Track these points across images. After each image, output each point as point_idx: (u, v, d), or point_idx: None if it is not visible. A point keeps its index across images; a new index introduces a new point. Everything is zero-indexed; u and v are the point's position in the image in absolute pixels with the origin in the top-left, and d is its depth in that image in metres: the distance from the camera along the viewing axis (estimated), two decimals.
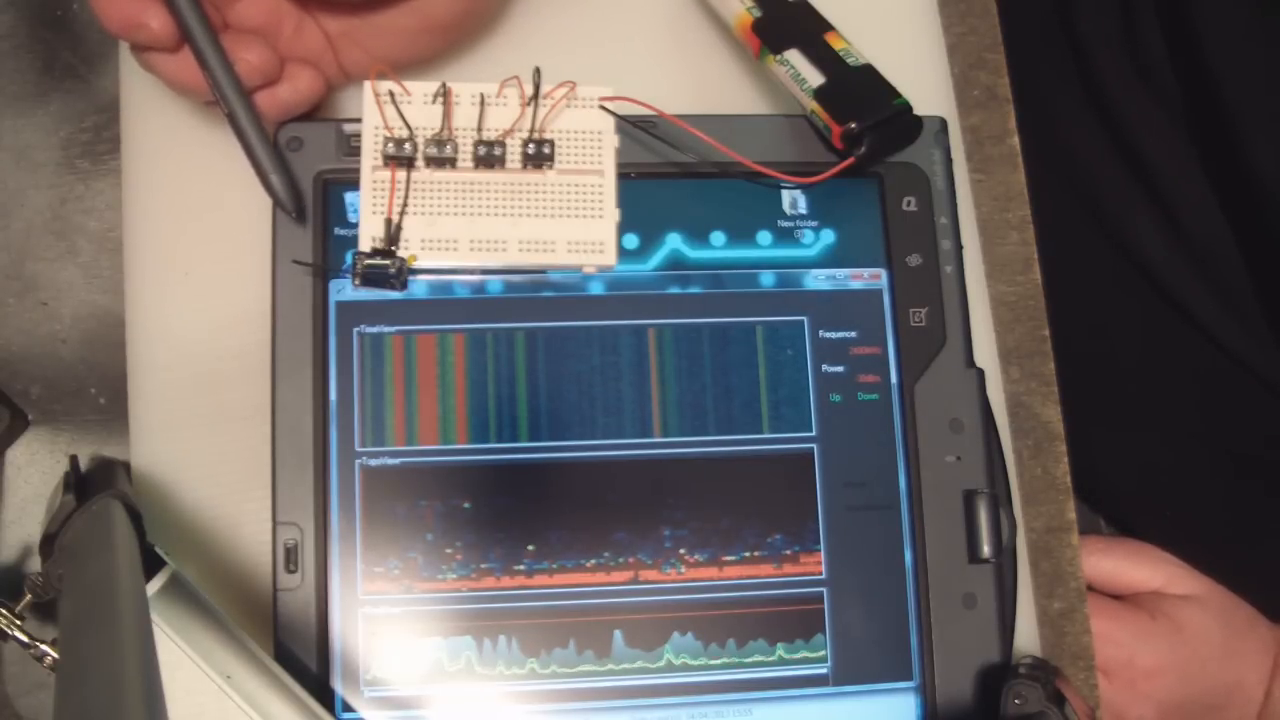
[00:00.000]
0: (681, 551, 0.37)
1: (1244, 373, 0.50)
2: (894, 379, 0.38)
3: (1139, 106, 0.51)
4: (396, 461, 0.36)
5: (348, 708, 0.35)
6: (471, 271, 0.37)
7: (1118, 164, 0.52)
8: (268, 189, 0.35)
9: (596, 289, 0.38)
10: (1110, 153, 0.52)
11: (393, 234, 0.36)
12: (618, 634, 0.36)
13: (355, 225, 0.36)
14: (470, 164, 0.36)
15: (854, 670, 0.37)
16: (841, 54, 0.38)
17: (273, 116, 0.35)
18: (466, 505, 0.36)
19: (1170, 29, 0.49)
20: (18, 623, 0.32)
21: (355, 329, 0.36)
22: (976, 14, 0.45)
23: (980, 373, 0.39)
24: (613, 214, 0.37)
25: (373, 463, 0.36)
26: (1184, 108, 0.50)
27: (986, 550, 0.37)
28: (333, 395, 0.36)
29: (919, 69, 0.42)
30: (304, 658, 0.34)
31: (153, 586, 0.30)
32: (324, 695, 0.34)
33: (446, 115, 0.36)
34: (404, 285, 0.36)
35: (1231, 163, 0.47)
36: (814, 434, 0.38)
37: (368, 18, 0.36)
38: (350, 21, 0.36)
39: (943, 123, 0.40)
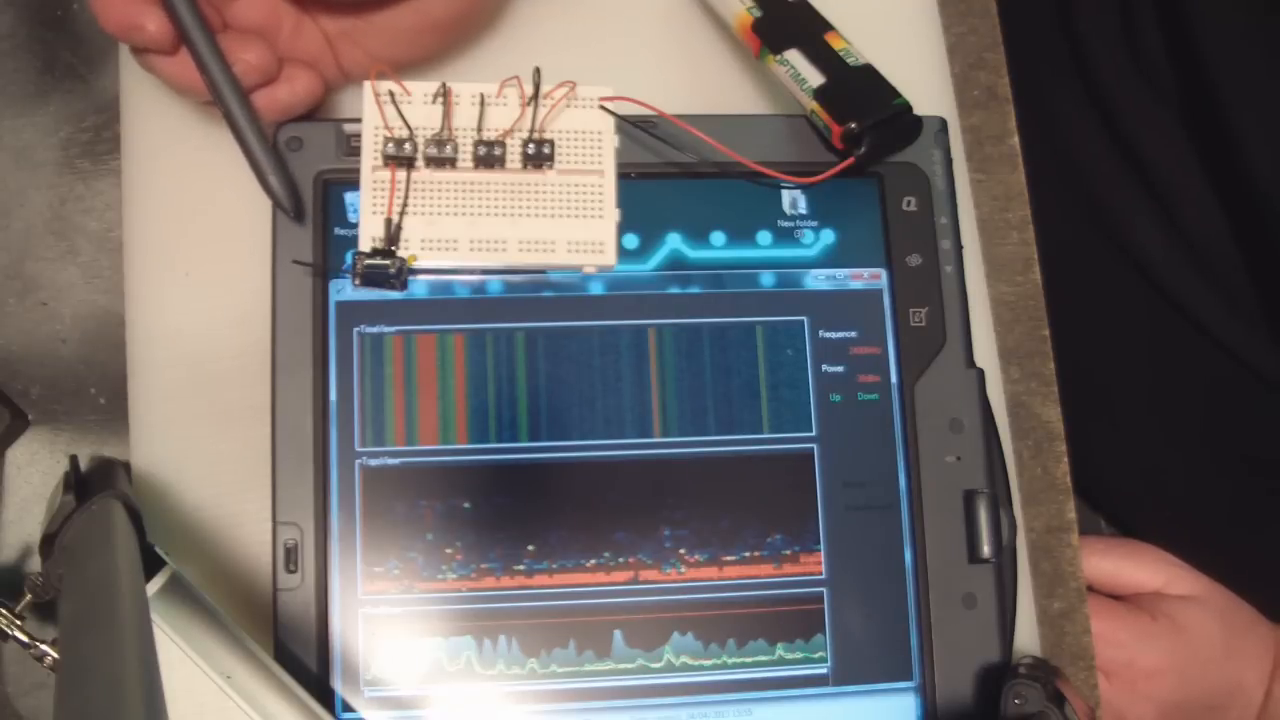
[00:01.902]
0: (681, 551, 0.37)
1: (1244, 371, 0.50)
2: (894, 379, 0.38)
3: (1138, 105, 0.51)
4: (396, 461, 0.36)
5: (348, 708, 0.35)
6: (471, 271, 0.37)
7: (1117, 162, 0.52)
8: (266, 189, 0.35)
9: (596, 289, 0.38)
10: (1110, 151, 0.52)
11: (393, 234, 0.36)
12: (618, 634, 0.36)
13: (355, 225, 0.36)
14: (470, 164, 0.36)
15: (854, 670, 0.37)
16: (841, 54, 0.38)
17: (271, 117, 0.35)
18: (466, 505, 0.36)
19: (1168, 28, 0.49)
20: (18, 623, 0.32)
21: (355, 329, 0.36)
22: (976, 14, 0.45)
23: (980, 373, 0.39)
24: (613, 214, 0.37)
25: (373, 463, 0.36)
26: (1182, 106, 0.50)
27: (986, 550, 0.37)
28: (333, 395, 0.36)
29: (919, 69, 0.42)
30: (304, 658, 0.34)
31: (153, 586, 0.30)
32: (324, 695, 0.34)
33: (446, 115, 0.36)
34: (404, 285, 0.36)
35: (1230, 161, 0.47)
36: (814, 434, 0.38)
37: (366, 17, 0.36)
38: (349, 21, 0.36)
39: (943, 123, 0.40)
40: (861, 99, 0.37)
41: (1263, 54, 0.46)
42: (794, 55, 0.37)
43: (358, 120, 0.36)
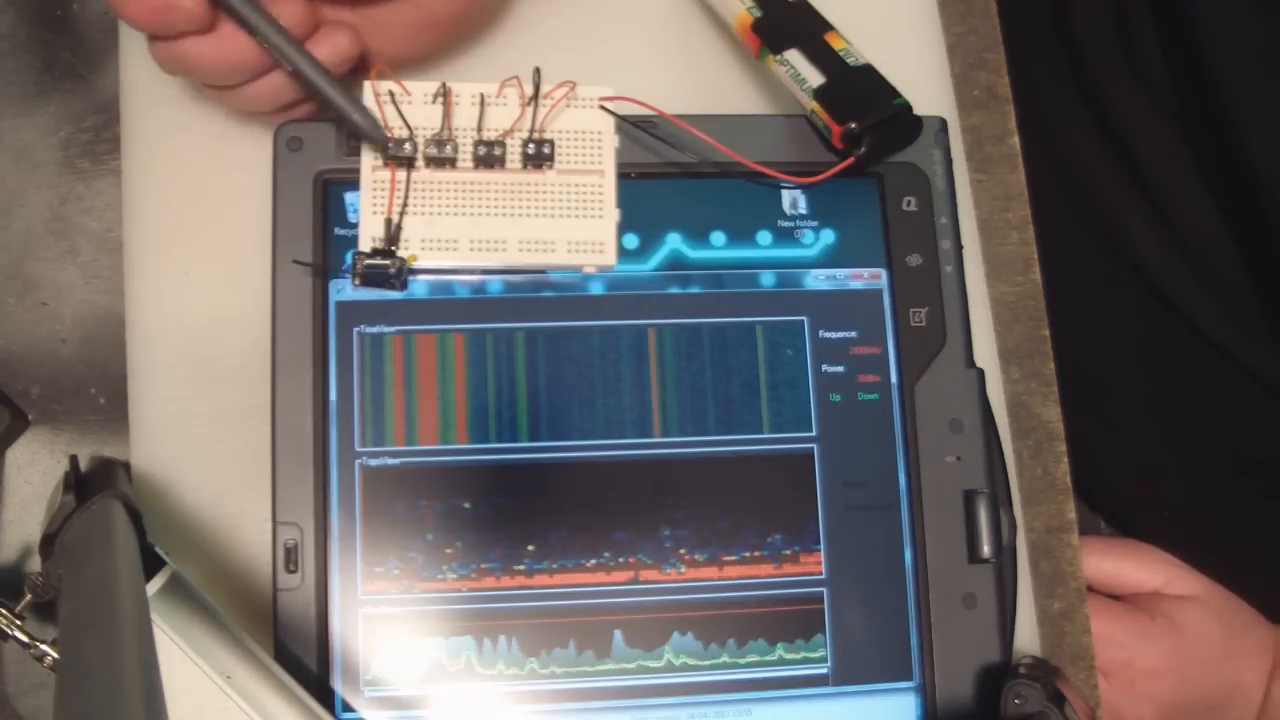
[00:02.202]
0: (681, 551, 0.37)
1: (1241, 372, 0.50)
2: (894, 379, 0.38)
3: (1133, 105, 0.51)
4: (396, 461, 0.36)
5: (348, 708, 0.35)
6: (471, 271, 0.37)
7: (1112, 163, 0.52)
8: (352, 126, 0.35)
9: (596, 289, 0.38)
10: (1105, 152, 0.52)
11: (393, 234, 0.36)
12: (618, 634, 0.36)
13: (355, 225, 0.36)
14: (470, 164, 0.36)
15: (854, 670, 0.37)
16: (841, 54, 0.38)
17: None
18: (466, 505, 0.36)
19: (1166, 28, 0.49)
20: (18, 623, 0.32)
21: (355, 329, 0.36)
22: (976, 14, 0.45)
23: (980, 373, 0.39)
24: (613, 214, 0.37)
25: (373, 463, 0.36)
26: (1178, 106, 0.50)
27: (986, 550, 0.37)
28: (333, 395, 0.36)
29: (919, 69, 0.42)
30: (304, 658, 0.34)
31: (153, 586, 0.30)
32: (324, 695, 0.34)
33: (446, 115, 0.36)
34: (404, 285, 0.36)
35: (1227, 161, 0.47)
36: (814, 434, 0.38)
37: (369, 14, 0.36)
38: (353, 17, 0.36)
39: (943, 123, 0.40)
40: (861, 99, 0.37)
41: (1264, 53, 0.45)
42: (794, 55, 0.37)
43: None
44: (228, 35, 0.33)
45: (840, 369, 0.38)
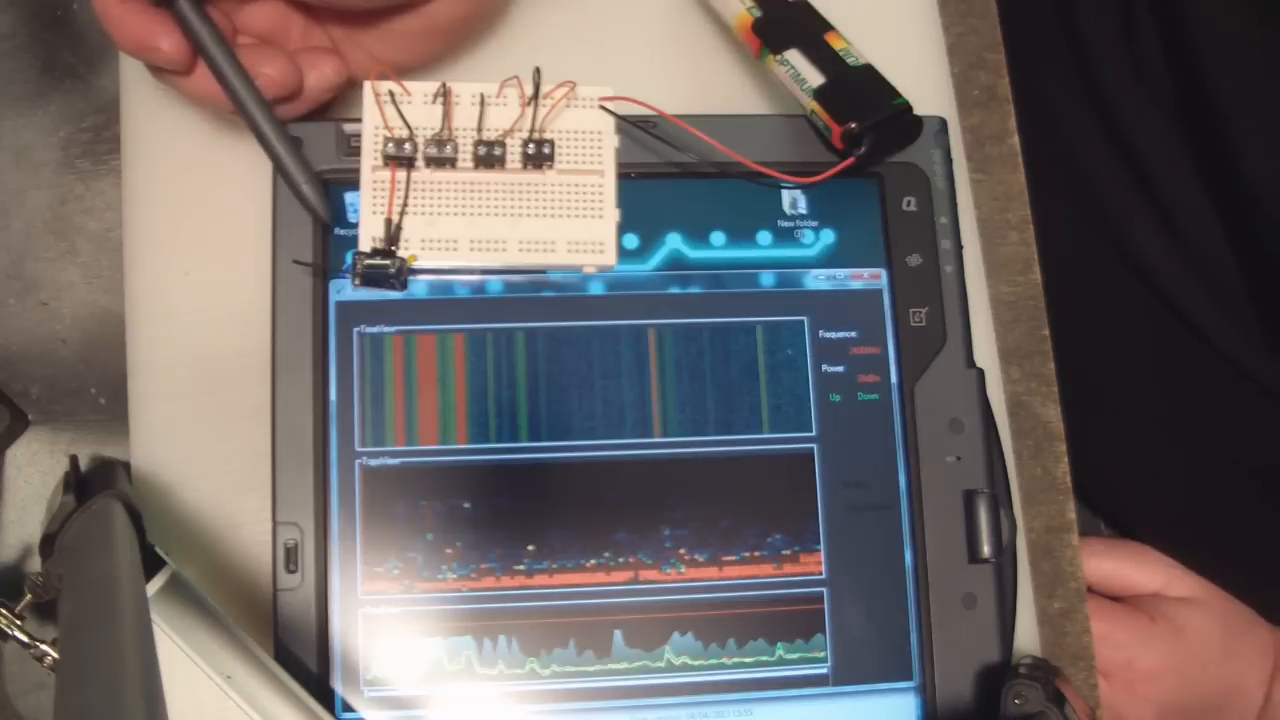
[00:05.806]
0: (681, 551, 0.37)
1: (1241, 376, 0.50)
2: (894, 379, 0.38)
3: (1138, 109, 0.51)
4: (396, 461, 0.36)
5: (348, 708, 0.35)
6: (471, 271, 0.37)
7: (1116, 165, 0.52)
8: (300, 199, 0.35)
9: (596, 289, 0.38)
10: (1109, 154, 0.52)
11: (393, 234, 0.36)
12: (618, 634, 0.36)
13: (355, 225, 0.36)
14: (470, 164, 0.36)
15: (854, 670, 0.37)
16: (841, 54, 0.38)
17: (304, 107, 0.35)
18: (466, 505, 0.36)
19: (1168, 33, 0.49)
20: (18, 623, 0.32)
21: (355, 329, 0.36)
22: (976, 14, 0.45)
23: (980, 373, 0.39)
24: (613, 214, 0.37)
25: (373, 463, 0.36)
26: (1181, 112, 0.50)
27: (986, 550, 0.37)
28: (333, 395, 0.36)
29: (919, 69, 0.42)
30: (304, 658, 0.34)
31: (153, 586, 0.30)
32: (324, 695, 0.34)
33: (446, 115, 0.36)
34: (404, 285, 0.36)
35: (1228, 169, 0.47)
36: (814, 434, 0.38)
37: (372, 22, 0.36)
38: (355, 25, 0.36)
39: (943, 123, 0.40)
40: (861, 99, 0.37)
41: (1261, 65, 0.45)
42: (794, 55, 0.37)
43: (358, 120, 0.36)
44: (207, 77, 0.33)
45: (840, 369, 0.38)
